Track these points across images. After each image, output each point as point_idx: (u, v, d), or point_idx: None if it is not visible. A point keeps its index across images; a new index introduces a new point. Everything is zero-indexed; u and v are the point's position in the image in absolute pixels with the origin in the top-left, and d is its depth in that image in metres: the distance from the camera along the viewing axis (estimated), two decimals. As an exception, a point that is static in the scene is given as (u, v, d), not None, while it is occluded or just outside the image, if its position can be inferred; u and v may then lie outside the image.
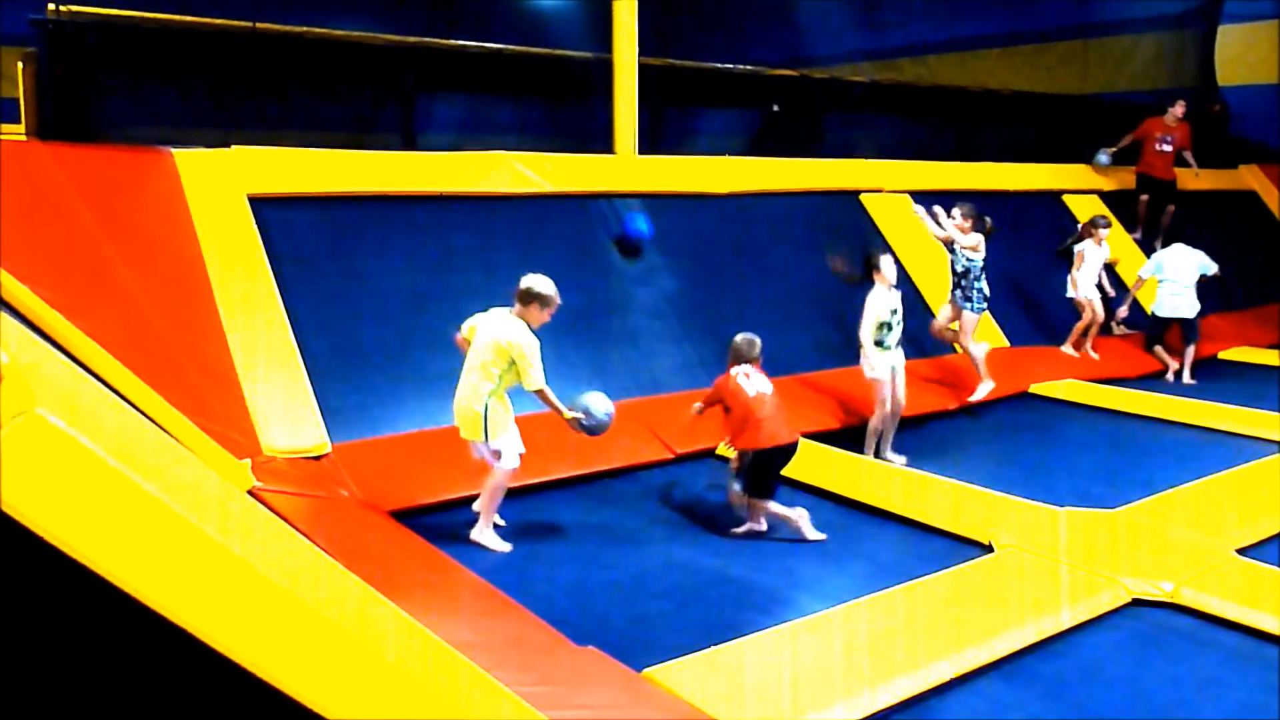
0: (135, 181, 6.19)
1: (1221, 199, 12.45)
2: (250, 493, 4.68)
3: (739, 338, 5.52)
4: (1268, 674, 3.80)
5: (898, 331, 6.57)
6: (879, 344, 6.47)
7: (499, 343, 4.84)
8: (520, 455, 5.01)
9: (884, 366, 6.48)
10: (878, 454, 6.54)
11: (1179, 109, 11.26)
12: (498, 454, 4.92)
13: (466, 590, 4.28)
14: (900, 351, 6.66)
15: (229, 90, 8.17)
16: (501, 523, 5.18)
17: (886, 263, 6.69)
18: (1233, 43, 14.55)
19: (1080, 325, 9.16)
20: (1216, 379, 8.86)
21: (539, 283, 4.98)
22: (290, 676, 2.20)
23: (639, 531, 5.29)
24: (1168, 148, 11.19)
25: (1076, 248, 9.41)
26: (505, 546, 4.95)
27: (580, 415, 4.98)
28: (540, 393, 4.86)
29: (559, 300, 5.00)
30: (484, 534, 4.98)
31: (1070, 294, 9.27)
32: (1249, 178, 13.57)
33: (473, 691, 2.67)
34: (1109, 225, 9.47)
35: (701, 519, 5.41)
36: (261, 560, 2.24)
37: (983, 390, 7.38)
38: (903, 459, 6.53)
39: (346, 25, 10.41)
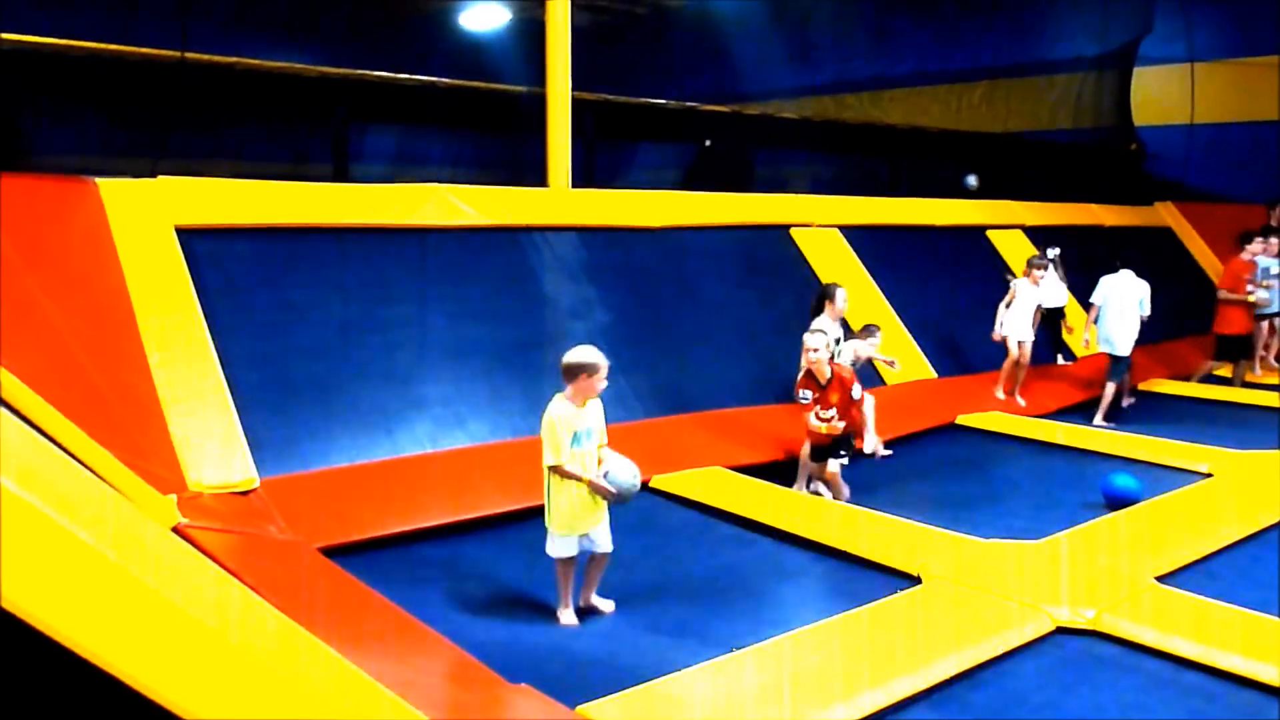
0: (58, 211, 6.07)
1: (1138, 235, 12.85)
2: (175, 529, 4.59)
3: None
4: (1187, 699, 3.90)
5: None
6: None
7: (542, 425, 4.62)
8: (565, 549, 4.62)
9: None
10: (809, 484, 6.62)
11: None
12: (552, 543, 4.65)
13: (397, 628, 4.22)
14: None
15: (157, 120, 8.07)
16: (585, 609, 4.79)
17: (841, 295, 6.93)
18: (1148, 85, 15.12)
19: (1006, 365, 9.02)
20: (1135, 410, 9.10)
21: (573, 356, 4.69)
22: (213, 714, 2.16)
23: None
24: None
25: (1011, 285, 9.25)
26: (574, 622, 4.63)
27: (611, 489, 4.60)
28: (553, 469, 4.54)
29: (600, 365, 4.66)
30: (561, 613, 4.67)
31: (996, 333, 9.04)
32: (1164, 214, 14.03)
33: (404, 731, 2.65)
34: (1046, 267, 9.24)
35: (634, 553, 5.41)
36: (185, 599, 2.21)
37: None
38: (829, 495, 6.65)
39: (278, 57, 10.36)
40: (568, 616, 4.65)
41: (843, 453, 6.35)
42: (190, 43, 7.75)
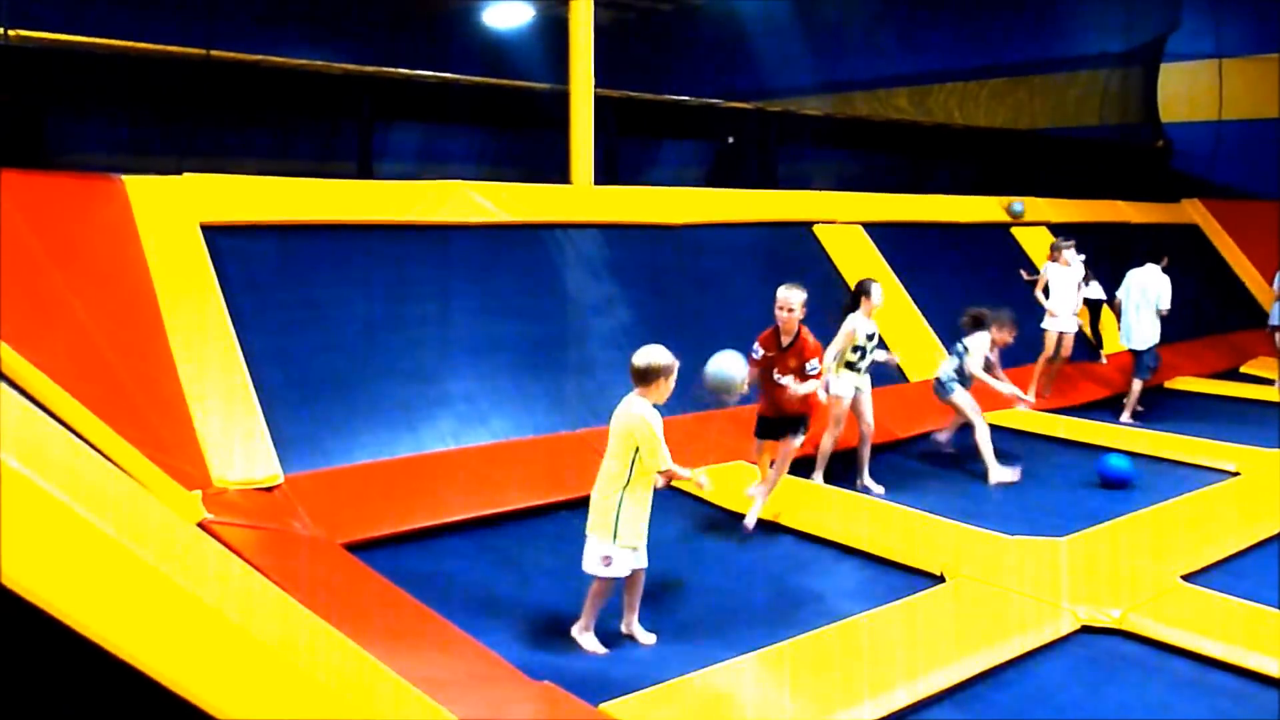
0: (85, 209, 6.12)
1: (1165, 232, 12.73)
2: (201, 525, 4.62)
3: None
4: (1213, 699, 3.87)
5: (869, 358, 6.71)
6: (849, 366, 6.59)
7: (625, 428, 4.36)
8: (625, 568, 4.36)
9: (847, 385, 6.58)
10: (855, 482, 6.67)
11: None
12: (608, 560, 4.31)
13: (421, 624, 4.24)
14: (867, 377, 6.79)
15: (183, 118, 8.13)
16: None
17: (877, 291, 6.86)
18: (1175, 81, 14.97)
19: (1040, 362, 8.73)
20: (1162, 408, 9.02)
21: (653, 356, 4.41)
22: (240, 710, 2.17)
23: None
24: None
25: (1040, 273, 8.93)
26: (600, 650, 4.35)
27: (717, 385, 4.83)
28: (666, 473, 4.37)
29: (675, 367, 4.45)
30: (582, 635, 4.40)
31: (1044, 324, 8.81)
32: (1191, 211, 13.90)
33: (427, 726, 2.65)
34: (1071, 246, 8.87)
35: (654, 549, 5.40)
36: (211, 594, 2.22)
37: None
38: (881, 489, 6.62)
39: (303, 54, 10.41)
40: (590, 641, 4.37)
41: (793, 434, 5.90)
42: (216, 41, 7.80)
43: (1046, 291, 8.97)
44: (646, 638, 4.47)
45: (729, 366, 4.87)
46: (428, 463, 6.18)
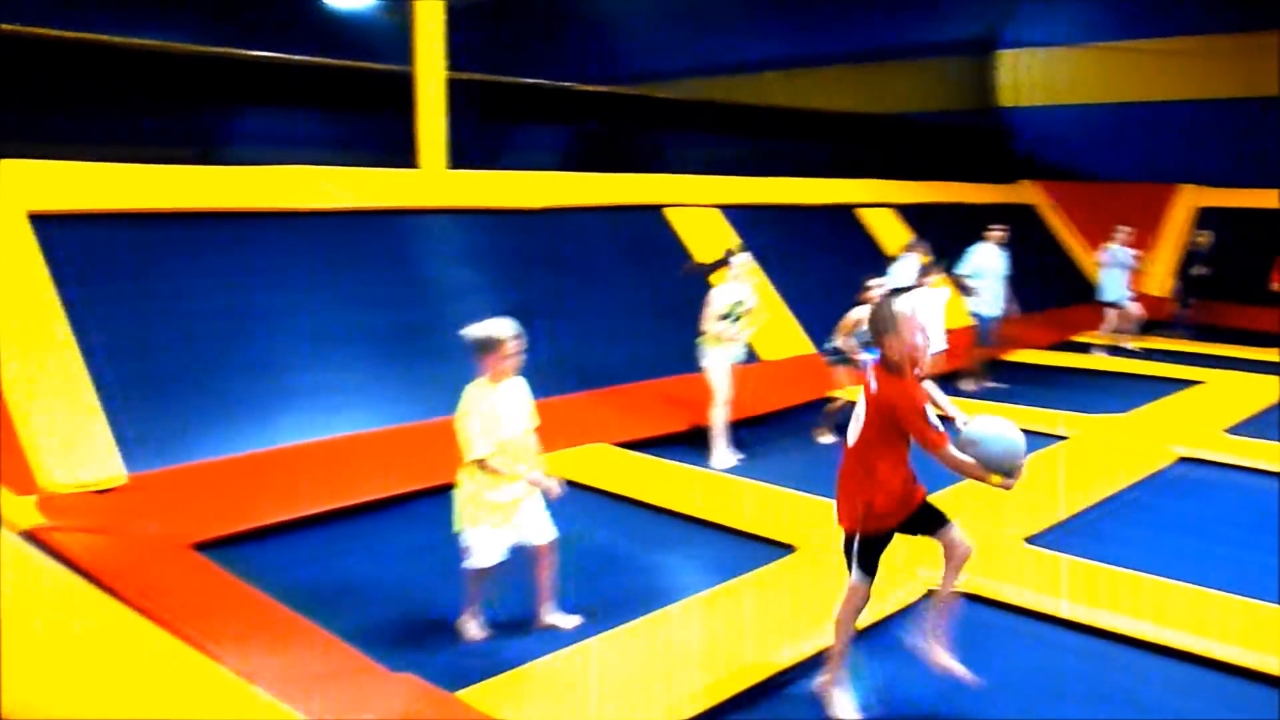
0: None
1: (1002, 211, 13.28)
2: (29, 532, 4.40)
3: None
4: (1060, 656, 4.10)
5: (740, 325, 6.80)
6: (718, 339, 6.65)
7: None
8: (486, 555, 4.12)
9: (719, 357, 6.64)
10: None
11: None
12: (465, 550, 4.13)
13: (274, 623, 4.13)
14: (740, 347, 6.85)
15: (10, 100, 7.68)
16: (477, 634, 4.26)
17: (735, 259, 6.94)
18: (1011, 67, 15.62)
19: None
20: (998, 379, 9.44)
21: (476, 330, 4.08)
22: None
23: (457, 552, 5.22)
24: None
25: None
26: (477, 635, 4.20)
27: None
28: (480, 463, 4.00)
29: (508, 336, 4.07)
30: (463, 625, 4.24)
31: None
32: (1027, 192, 14.56)
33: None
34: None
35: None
36: (20, 603, 2.13)
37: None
38: (740, 456, 6.79)
39: (142, 34, 9.96)
40: (472, 628, 4.23)
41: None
42: (52, 18, 7.40)
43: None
44: (566, 621, 4.29)
45: (1010, 435, 3.66)
46: (281, 457, 6.03)
